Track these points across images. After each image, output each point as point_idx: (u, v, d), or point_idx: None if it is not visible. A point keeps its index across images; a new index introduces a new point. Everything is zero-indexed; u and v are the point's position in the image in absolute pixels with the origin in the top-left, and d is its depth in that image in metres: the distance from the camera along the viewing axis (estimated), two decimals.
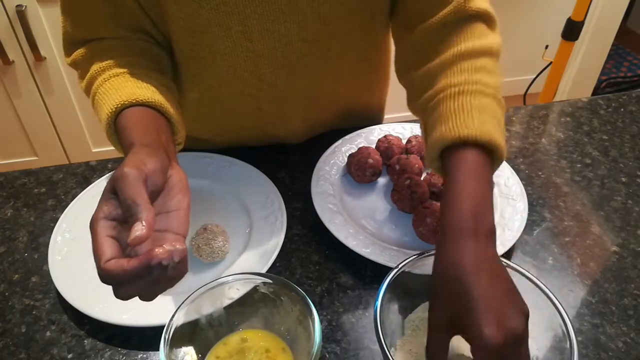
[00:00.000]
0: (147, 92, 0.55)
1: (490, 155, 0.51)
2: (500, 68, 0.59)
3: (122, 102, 0.53)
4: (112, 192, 0.42)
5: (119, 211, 0.41)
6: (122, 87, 0.55)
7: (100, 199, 0.42)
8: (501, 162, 0.52)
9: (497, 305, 0.42)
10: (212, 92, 0.73)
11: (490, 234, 0.47)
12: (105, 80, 0.57)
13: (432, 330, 0.46)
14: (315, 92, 0.77)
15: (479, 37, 0.58)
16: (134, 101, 0.53)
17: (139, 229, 0.38)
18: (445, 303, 0.45)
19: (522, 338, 0.43)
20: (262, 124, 0.79)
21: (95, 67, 0.59)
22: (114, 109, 0.53)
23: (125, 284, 0.40)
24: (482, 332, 0.41)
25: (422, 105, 0.58)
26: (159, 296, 0.60)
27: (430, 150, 0.54)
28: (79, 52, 0.63)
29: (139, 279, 0.39)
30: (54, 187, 0.77)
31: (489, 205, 0.48)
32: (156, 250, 0.38)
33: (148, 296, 0.42)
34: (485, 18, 0.60)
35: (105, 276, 0.39)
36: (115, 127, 0.53)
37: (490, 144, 0.50)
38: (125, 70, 0.58)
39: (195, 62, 0.69)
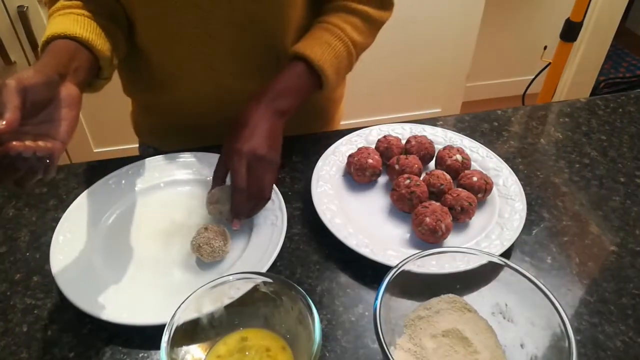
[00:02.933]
0: (79, 28, 0.63)
1: (319, 79, 0.72)
2: (372, 34, 0.79)
3: (53, 34, 0.61)
4: None
5: None
6: (63, 22, 0.64)
7: None
8: (326, 88, 0.73)
9: (254, 136, 0.63)
10: (167, 52, 0.76)
11: (281, 112, 0.68)
12: (57, 17, 0.66)
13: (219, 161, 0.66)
14: (268, 54, 0.77)
15: (360, 3, 0.76)
16: (63, 34, 0.61)
17: None
18: (233, 132, 0.64)
19: (263, 158, 0.63)
20: (219, 91, 0.79)
21: (57, 5, 0.68)
22: (45, 39, 0.61)
23: None
24: (234, 145, 0.63)
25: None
26: (160, 295, 0.61)
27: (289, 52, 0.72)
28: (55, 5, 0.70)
29: (4, 167, 0.48)
30: (55, 187, 0.77)
31: (293, 96, 0.69)
32: (14, 142, 0.47)
33: (20, 183, 0.50)
34: None
35: None
36: None
37: (318, 67, 0.70)
38: (76, 11, 0.66)
39: (150, 22, 0.72)
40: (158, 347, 0.46)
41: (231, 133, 0.65)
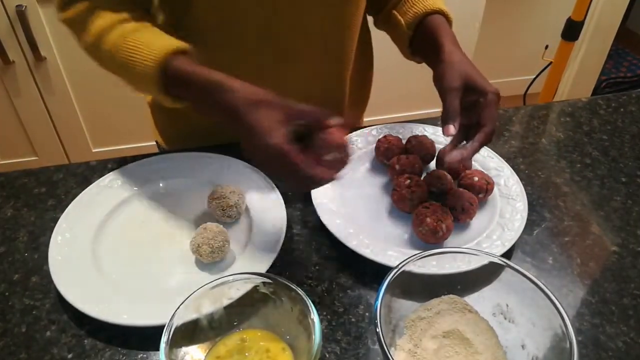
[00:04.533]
0: (177, 41, 0.62)
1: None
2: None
3: (168, 50, 0.60)
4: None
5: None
6: (154, 37, 0.62)
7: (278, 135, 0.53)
8: (451, 24, 0.77)
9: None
10: (216, 48, 0.74)
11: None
12: (127, 36, 0.63)
13: (450, 94, 0.65)
14: (321, 64, 0.80)
15: None
16: (176, 49, 0.61)
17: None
18: (458, 73, 0.66)
19: None
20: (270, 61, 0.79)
21: (100, 24, 0.64)
22: (161, 58, 0.60)
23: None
24: (490, 87, 0.65)
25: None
26: (159, 296, 0.60)
27: (414, 16, 0.76)
28: (78, 8, 0.66)
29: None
30: (54, 187, 0.77)
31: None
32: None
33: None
34: None
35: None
36: (167, 75, 0.61)
37: (449, 15, 0.76)
38: (140, 24, 0.65)
39: (208, 17, 0.71)
40: (157, 348, 0.46)
41: (463, 75, 0.66)
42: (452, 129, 0.64)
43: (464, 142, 0.68)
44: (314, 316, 0.48)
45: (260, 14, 0.71)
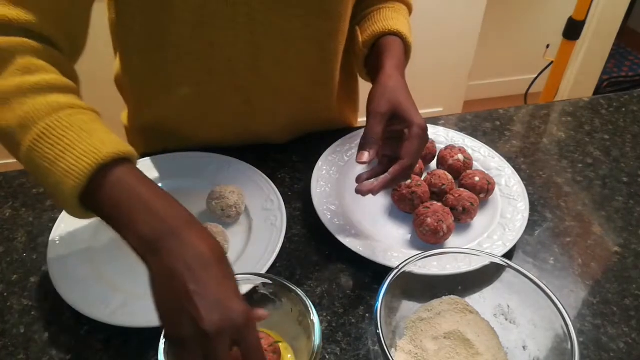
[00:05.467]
0: (120, 142, 0.48)
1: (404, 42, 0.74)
2: (408, 17, 0.82)
3: (108, 156, 0.45)
4: None
5: None
6: (89, 134, 0.47)
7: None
8: (410, 48, 0.75)
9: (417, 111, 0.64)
10: (202, 85, 0.73)
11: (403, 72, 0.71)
12: (59, 119, 0.48)
13: (374, 118, 0.61)
14: (308, 91, 0.78)
15: None
16: (115, 155, 0.46)
17: None
18: (387, 98, 0.63)
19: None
20: (248, 120, 0.79)
21: (18, 81, 0.49)
22: (95, 166, 0.45)
23: None
24: (418, 121, 0.61)
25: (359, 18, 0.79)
26: None
27: (371, 35, 0.73)
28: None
29: None
30: None
31: (404, 62, 0.73)
32: None
33: None
34: None
35: None
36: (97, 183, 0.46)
37: (407, 38, 0.74)
38: (72, 101, 0.50)
39: (190, 56, 0.69)
40: (156, 349, 0.46)
41: (389, 103, 0.62)
42: (365, 156, 0.59)
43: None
44: (314, 317, 0.48)
45: (246, 51, 0.69)
